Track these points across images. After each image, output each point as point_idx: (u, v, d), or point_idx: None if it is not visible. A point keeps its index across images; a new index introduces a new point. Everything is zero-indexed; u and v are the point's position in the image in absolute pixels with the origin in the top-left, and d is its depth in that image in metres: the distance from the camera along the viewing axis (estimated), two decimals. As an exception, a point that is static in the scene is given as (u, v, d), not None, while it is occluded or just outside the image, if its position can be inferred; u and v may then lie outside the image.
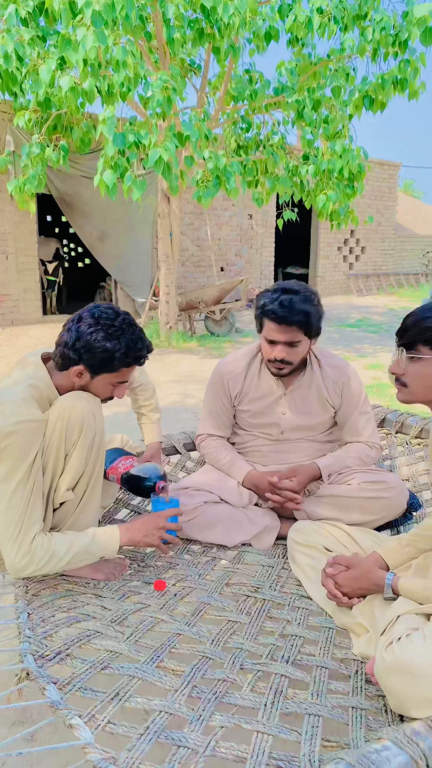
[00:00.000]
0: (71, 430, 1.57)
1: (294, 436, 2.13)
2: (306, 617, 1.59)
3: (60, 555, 1.54)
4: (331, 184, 7.10)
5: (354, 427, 2.12)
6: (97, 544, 1.62)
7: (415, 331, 1.30)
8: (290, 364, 1.98)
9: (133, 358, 1.61)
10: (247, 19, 5.56)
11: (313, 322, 1.92)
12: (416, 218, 18.51)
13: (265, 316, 1.93)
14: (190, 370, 6.65)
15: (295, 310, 1.87)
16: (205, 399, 2.23)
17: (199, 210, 11.32)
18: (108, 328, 1.57)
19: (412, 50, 6.01)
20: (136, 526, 1.71)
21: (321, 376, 2.10)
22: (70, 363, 1.59)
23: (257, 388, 2.11)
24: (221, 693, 1.22)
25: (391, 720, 1.19)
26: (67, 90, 5.51)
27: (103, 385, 1.64)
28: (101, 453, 1.68)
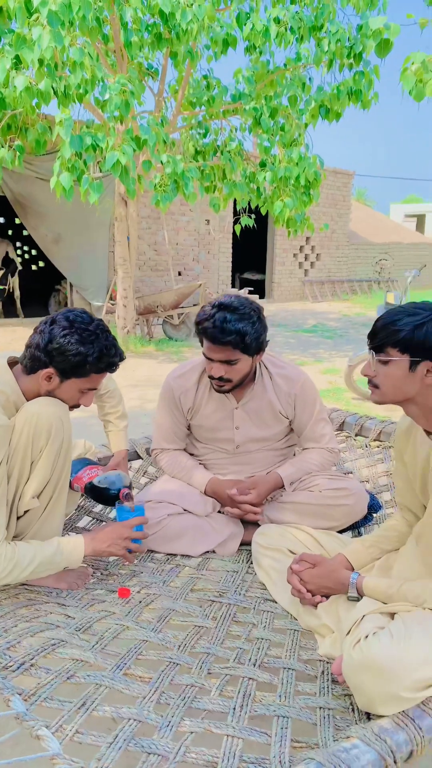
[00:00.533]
0: (38, 437, 1.54)
1: (250, 448, 2.12)
2: (271, 620, 1.60)
3: (23, 565, 1.51)
4: (287, 191, 7.19)
5: (312, 435, 2.12)
6: (62, 554, 1.59)
7: (384, 334, 1.33)
8: (230, 381, 1.94)
9: (105, 364, 1.59)
10: (205, 25, 5.59)
11: (248, 342, 1.84)
12: (369, 226, 18.92)
13: (200, 334, 1.90)
14: (148, 375, 6.62)
15: (227, 330, 1.81)
16: (158, 412, 2.18)
17: (156, 214, 11.29)
18: (82, 332, 1.54)
19: (366, 62, 6.16)
20: (100, 536, 1.69)
21: (272, 388, 2.06)
22: (40, 365, 1.56)
23: (208, 403, 2.08)
24: (190, 698, 1.22)
25: (358, 718, 1.21)
26: (22, 90, 5.41)
27: (72, 391, 1.61)
28: (68, 460, 1.65)
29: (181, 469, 2.12)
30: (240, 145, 7.89)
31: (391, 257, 18.05)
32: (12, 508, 1.61)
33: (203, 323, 1.85)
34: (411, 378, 1.32)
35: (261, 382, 2.07)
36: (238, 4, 6.66)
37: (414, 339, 1.29)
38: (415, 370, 1.31)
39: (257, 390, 2.06)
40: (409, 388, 1.33)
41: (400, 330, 1.30)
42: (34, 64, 5.10)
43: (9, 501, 1.58)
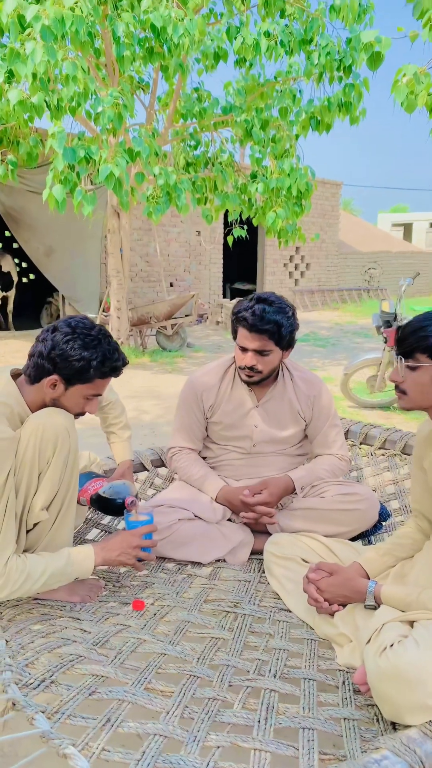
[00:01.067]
0: (45, 448, 1.53)
1: (266, 450, 2.14)
2: (288, 630, 1.59)
3: (35, 577, 1.49)
4: (279, 202, 7.24)
5: (324, 440, 2.15)
6: (72, 565, 1.58)
7: (413, 340, 1.34)
8: (260, 372, 2.02)
9: (109, 368, 1.59)
10: (197, 39, 5.64)
11: (284, 333, 1.96)
12: (357, 236, 19.08)
13: (238, 323, 1.99)
14: (143, 386, 6.60)
15: (266, 320, 1.92)
16: (178, 412, 2.21)
17: (147, 226, 11.33)
18: (85, 337, 1.55)
19: (356, 75, 6.23)
20: (110, 546, 1.68)
21: (293, 389, 2.13)
22: (44, 373, 1.56)
23: (230, 400, 2.12)
24: (214, 712, 1.20)
25: (383, 729, 1.20)
26: (15, 104, 5.43)
27: (77, 398, 1.60)
28: (75, 471, 1.64)
29: (193, 475, 2.14)
30: (231, 156, 7.95)
31: (380, 266, 18.19)
32: (21, 522, 1.59)
33: (242, 313, 1.95)
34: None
35: (282, 382, 2.14)
36: (228, 18, 6.73)
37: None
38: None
39: (278, 390, 2.12)
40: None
41: (429, 336, 1.31)
42: (27, 78, 5.11)
43: (18, 514, 1.56)
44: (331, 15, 6.31)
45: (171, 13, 5.35)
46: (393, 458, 2.49)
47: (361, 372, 5.58)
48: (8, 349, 8.71)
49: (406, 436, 2.51)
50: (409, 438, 2.49)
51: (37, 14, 4.92)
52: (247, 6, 6.73)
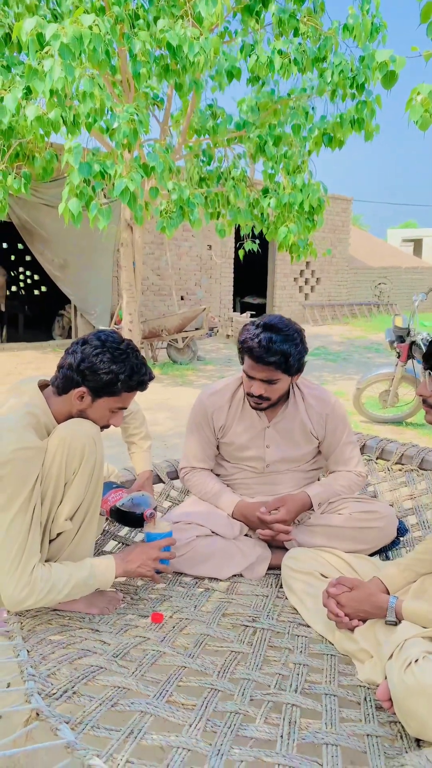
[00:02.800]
0: (72, 458, 1.54)
1: (279, 468, 2.12)
2: (307, 645, 1.58)
3: (59, 587, 1.50)
4: (291, 217, 7.28)
5: (341, 457, 2.13)
6: (95, 577, 1.59)
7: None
8: (268, 399, 1.97)
9: (136, 382, 1.61)
10: (212, 57, 5.72)
11: (292, 363, 1.89)
12: (367, 251, 19.13)
13: (244, 352, 1.92)
14: (154, 399, 6.62)
15: (273, 351, 1.84)
16: (188, 430, 2.20)
17: (159, 240, 11.42)
18: (114, 351, 1.57)
19: (368, 92, 6.29)
20: (130, 557, 1.69)
21: (304, 408, 2.10)
22: (72, 385, 1.58)
23: (241, 421, 2.10)
24: (236, 726, 1.20)
25: (408, 746, 1.19)
26: (32, 119, 5.52)
27: (103, 410, 1.62)
28: (100, 482, 1.65)
29: (208, 491, 2.12)
30: (243, 172, 8.02)
31: (390, 281, 18.22)
32: (45, 531, 1.60)
33: (248, 342, 1.88)
34: None
35: (294, 401, 2.10)
36: (243, 36, 6.82)
37: None
38: None
39: (290, 410, 2.09)
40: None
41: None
42: (45, 94, 5.20)
43: (42, 523, 1.57)
44: (344, 34, 6.38)
45: (187, 32, 5.43)
46: (410, 473, 2.48)
47: (374, 387, 5.58)
48: (20, 360, 8.77)
49: (423, 451, 2.50)
50: (426, 453, 2.48)
51: (56, 33, 5.01)
52: (261, 25, 6.83)
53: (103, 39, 5.24)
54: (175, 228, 6.53)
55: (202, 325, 8.98)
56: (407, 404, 5.43)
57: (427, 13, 3.97)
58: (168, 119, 7.75)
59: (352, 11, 6.25)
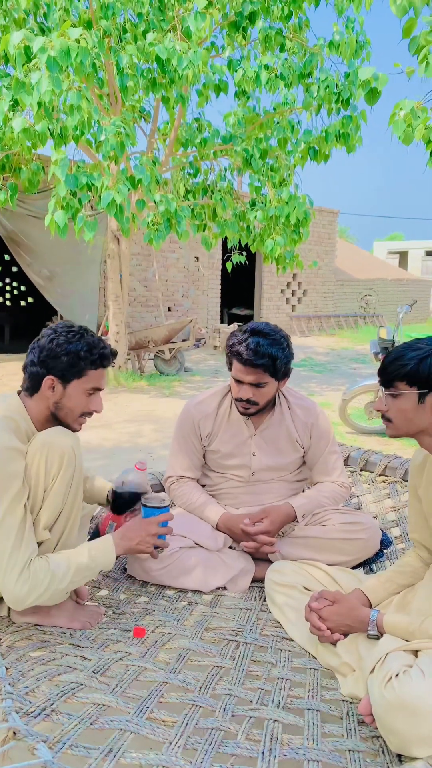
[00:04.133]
0: (51, 464, 1.54)
1: (265, 477, 2.13)
2: (290, 659, 1.58)
3: (60, 575, 1.49)
4: (278, 230, 7.33)
5: (324, 467, 2.14)
6: (95, 559, 1.58)
7: (392, 370, 1.37)
8: (256, 404, 2.00)
9: (98, 356, 1.60)
10: (199, 71, 5.77)
11: (279, 366, 1.94)
12: (354, 263, 19.29)
13: (232, 356, 1.97)
14: (141, 410, 6.60)
15: (261, 353, 1.89)
16: (174, 439, 2.20)
17: (146, 251, 11.44)
18: (67, 333, 1.60)
19: (353, 107, 6.37)
20: (129, 534, 1.67)
21: (290, 417, 2.12)
22: (39, 378, 1.58)
23: (227, 429, 2.11)
24: (217, 742, 1.19)
25: (389, 761, 1.18)
26: (19, 131, 5.53)
27: (78, 395, 1.61)
28: (79, 493, 1.64)
29: (193, 503, 2.12)
30: (230, 184, 8.08)
31: (376, 293, 18.37)
32: None
33: (236, 346, 1.92)
34: (421, 410, 1.35)
35: (280, 410, 2.12)
36: (230, 51, 6.90)
37: (419, 372, 1.33)
38: (423, 402, 1.35)
39: (276, 418, 2.11)
40: (420, 419, 1.37)
41: (406, 364, 1.34)
42: (33, 107, 5.21)
43: None
44: (329, 50, 6.48)
45: (176, 46, 5.48)
46: (394, 485, 2.49)
47: (359, 398, 5.60)
48: (5, 371, 8.72)
49: (407, 462, 2.51)
50: (409, 465, 2.49)
51: (44, 46, 5.03)
52: (248, 40, 6.91)
53: (90, 52, 5.27)
54: (162, 240, 6.55)
55: (189, 336, 8.99)
56: (393, 415, 5.45)
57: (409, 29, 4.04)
58: (155, 132, 7.80)
59: (336, 28, 6.35)
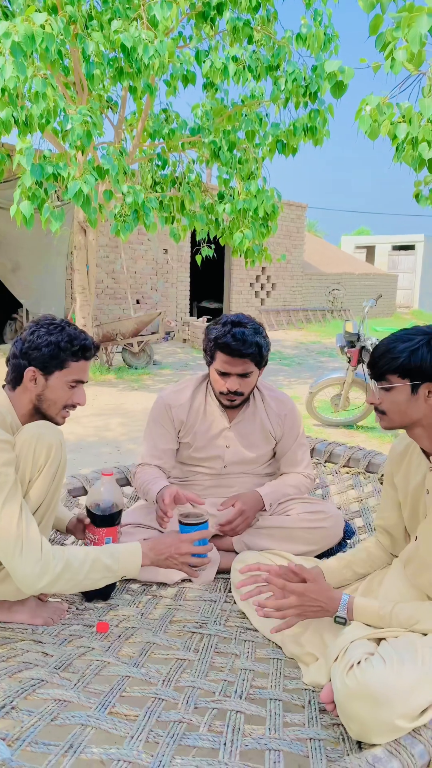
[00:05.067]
0: (38, 455, 1.54)
1: (235, 470, 2.13)
2: (254, 650, 1.58)
3: (76, 566, 1.48)
4: (246, 223, 7.33)
5: (292, 458, 2.16)
6: (118, 561, 1.57)
7: (383, 363, 1.37)
8: (242, 395, 2.01)
9: (79, 347, 1.60)
10: (166, 61, 5.72)
11: (264, 353, 1.98)
12: (322, 257, 19.43)
13: (218, 349, 1.95)
14: (109, 403, 6.55)
15: (248, 343, 1.91)
16: (147, 429, 2.16)
17: (114, 243, 11.32)
18: (48, 325, 1.60)
19: (321, 101, 6.40)
20: (159, 549, 1.66)
21: (264, 408, 2.13)
22: (22, 369, 1.57)
23: (202, 421, 2.10)
24: (179, 735, 1.19)
25: (349, 749, 1.20)
26: (-18, 119, 5.39)
27: (60, 387, 1.60)
28: (59, 487, 1.64)
29: (144, 482, 2.04)
30: (198, 177, 8.04)
31: (343, 287, 18.54)
32: None
33: (222, 338, 1.92)
34: (414, 401, 1.36)
35: (254, 403, 2.13)
36: (197, 42, 6.85)
37: (411, 363, 1.33)
38: (417, 393, 1.35)
39: (250, 410, 2.12)
40: (414, 411, 1.37)
41: (398, 357, 1.34)
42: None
43: None
44: (297, 43, 6.49)
45: (142, 34, 5.41)
46: (357, 476, 2.52)
47: (326, 391, 5.66)
48: None
49: (370, 454, 2.54)
50: (372, 456, 2.52)
51: (7, 31, 4.92)
52: (216, 31, 6.87)
53: (55, 38, 5.17)
54: (130, 231, 6.49)
55: (158, 329, 8.95)
56: (358, 408, 5.53)
57: (376, 26, 4.07)
58: (122, 122, 7.71)
59: (304, 21, 6.36)
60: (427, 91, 4.14)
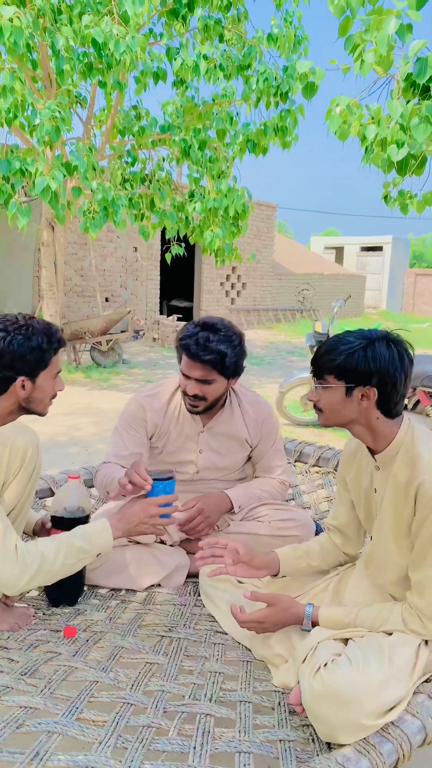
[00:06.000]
0: (14, 458, 1.52)
1: (208, 476, 2.09)
2: (223, 652, 1.58)
3: (51, 557, 1.45)
4: (216, 222, 7.32)
5: (268, 465, 2.13)
6: (90, 541, 1.54)
7: (322, 362, 1.38)
8: (204, 400, 1.93)
9: (56, 342, 1.56)
10: (137, 57, 5.67)
11: (228, 363, 1.87)
12: (291, 257, 19.55)
13: (182, 350, 1.89)
14: (77, 403, 6.47)
15: (209, 349, 1.82)
16: (117, 429, 2.08)
17: (82, 240, 11.20)
18: (19, 329, 1.51)
19: (292, 101, 6.43)
20: (127, 517, 1.61)
21: (240, 414, 2.08)
22: (9, 381, 1.50)
23: (176, 425, 2.05)
24: (148, 740, 1.17)
25: (319, 749, 1.20)
26: None
27: (47, 383, 1.56)
28: (33, 490, 1.63)
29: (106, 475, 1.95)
30: (168, 174, 8.00)
31: (313, 287, 18.65)
32: None
33: (185, 340, 1.85)
34: (348, 403, 1.37)
35: (230, 408, 2.07)
36: (168, 39, 6.81)
37: (347, 366, 1.34)
38: (351, 396, 1.36)
39: (225, 415, 2.07)
40: (348, 412, 1.39)
41: (335, 358, 1.36)
42: (-39, 86, 4.98)
43: None
44: (267, 43, 6.50)
45: (113, 30, 5.36)
46: (327, 475, 2.53)
47: (295, 390, 5.69)
48: None
49: (339, 453, 2.56)
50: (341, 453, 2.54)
51: (-27, 22, 4.81)
52: (187, 29, 6.85)
53: (23, 32, 5.08)
54: (99, 228, 6.42)
55: (128, 327, 8.88)
56: (327, 407, 5.57)
57: (345, 28, 4.10)
58: (91, 119, 7.62)
59: (274, 21, 6.38)
60: (396, 94, 4.19)
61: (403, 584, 1.42)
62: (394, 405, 1.37)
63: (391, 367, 1.32)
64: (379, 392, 1.34)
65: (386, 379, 1.33)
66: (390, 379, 1.33)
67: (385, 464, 1.42)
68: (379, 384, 1.33)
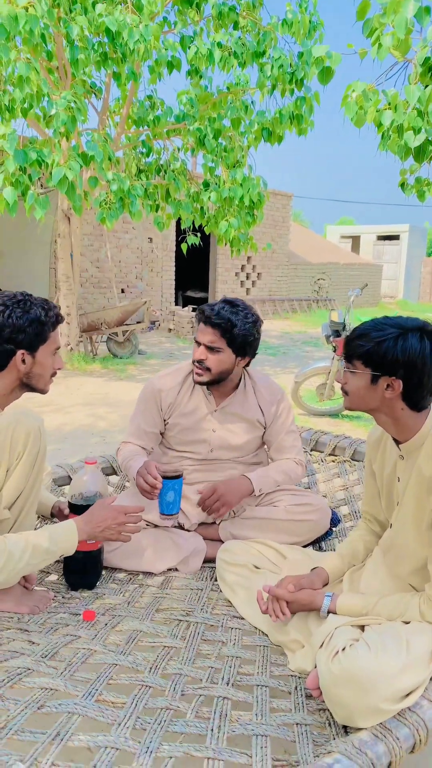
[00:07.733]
0: (17, 443, 1.53)
1: (223, 456, 2.12)
2: (240, 637, 1.59)
3: (17, 555, 1.46)
4: (232, 212, 7.29)
5: (282, 446, 2.15)
6: (56, 543, 1.55)
7: (353, 346, 1.38)
8: (208, 369, 1.98)
9: (54, 316, 1.60)
10: (151, 47, 5.65)
11: (236, 333, 1.94)
12: (307, 247, 19.42)
13: (198, 314, 2.01)
14: (94, 393, 6.52)
15: (221, 315, 1.94)
16: (135, 411, 2.17)
17: (98, 231, 11.22)
18: (17, 304, 1.56)
19: (307, 88, 6.36)
20: (94, 520, 1.63)
21: (254, 396, 2.13)
22: (9, 354, 1.54)
23: (189, 403, 2.11)
24: (166, 722, 1.19)
25: (335, 733, 1.21)
26: (-37, 102, 5.30)
27: (45, 360, 1.60)
28: (41, 474, 1.63)
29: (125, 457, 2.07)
30: (183, 164, 7.97)
31: (329, 277, 18.56)
32: None
33: (203, 307, 1.98)
34: (373, 391, 1.37)
35: (243, 391, 2.13)
36: (182, 27, 6.77)
37: (375, 354, 1.33)
38: (376, 384, 1.35)
39: (238, 397, 2.12)
40: (372, 400, 1.38)
41: (365, 344, 1.35)
42: (-23, 77, 5.00)
43: None
44: (282, 29, 6.43)
45: (126, 19, 5.33)
46: (343, 464, 2.53)
47: (311, 380, 5.67)
48: None
49: (355, 443, 2.55)
50: (358, 445, 2.54)
51: (-12, 13, 4.82)
52: (201, 17, 6.79)
53: (39, 21, 5.08)
54: (115, 219, 6.44)
55: (143, 318, 8.90)
56: (343, 397, 5.55)
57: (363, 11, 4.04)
58: (106, 109, 7.61)
59: (289, 7, 6.31)
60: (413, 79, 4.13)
61: (421, 574, 1.42)
62: (421, 398, 1.35)
63: (420, 360, 1.30)
64: (405, 384, 1.33)
65: (413, 372, 1.31)
66: (417, 372, 1.31)
67: (410, 454, 1.42)
68: (405, 376, 1.32)
